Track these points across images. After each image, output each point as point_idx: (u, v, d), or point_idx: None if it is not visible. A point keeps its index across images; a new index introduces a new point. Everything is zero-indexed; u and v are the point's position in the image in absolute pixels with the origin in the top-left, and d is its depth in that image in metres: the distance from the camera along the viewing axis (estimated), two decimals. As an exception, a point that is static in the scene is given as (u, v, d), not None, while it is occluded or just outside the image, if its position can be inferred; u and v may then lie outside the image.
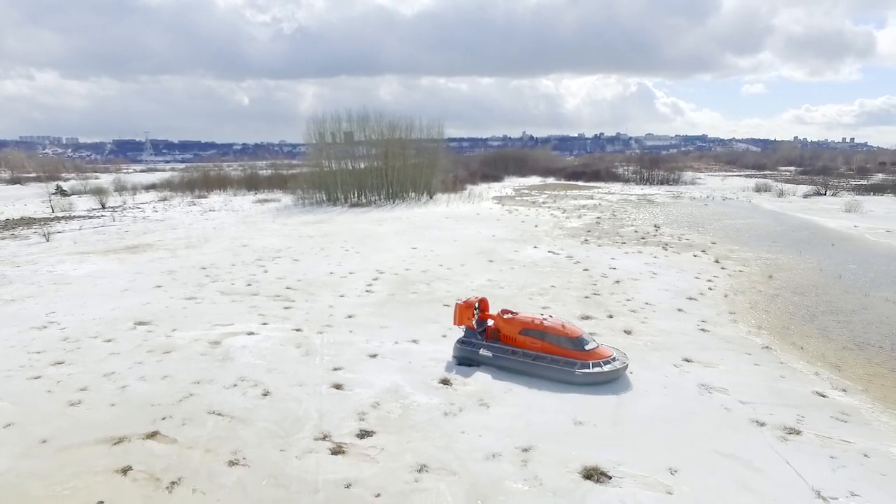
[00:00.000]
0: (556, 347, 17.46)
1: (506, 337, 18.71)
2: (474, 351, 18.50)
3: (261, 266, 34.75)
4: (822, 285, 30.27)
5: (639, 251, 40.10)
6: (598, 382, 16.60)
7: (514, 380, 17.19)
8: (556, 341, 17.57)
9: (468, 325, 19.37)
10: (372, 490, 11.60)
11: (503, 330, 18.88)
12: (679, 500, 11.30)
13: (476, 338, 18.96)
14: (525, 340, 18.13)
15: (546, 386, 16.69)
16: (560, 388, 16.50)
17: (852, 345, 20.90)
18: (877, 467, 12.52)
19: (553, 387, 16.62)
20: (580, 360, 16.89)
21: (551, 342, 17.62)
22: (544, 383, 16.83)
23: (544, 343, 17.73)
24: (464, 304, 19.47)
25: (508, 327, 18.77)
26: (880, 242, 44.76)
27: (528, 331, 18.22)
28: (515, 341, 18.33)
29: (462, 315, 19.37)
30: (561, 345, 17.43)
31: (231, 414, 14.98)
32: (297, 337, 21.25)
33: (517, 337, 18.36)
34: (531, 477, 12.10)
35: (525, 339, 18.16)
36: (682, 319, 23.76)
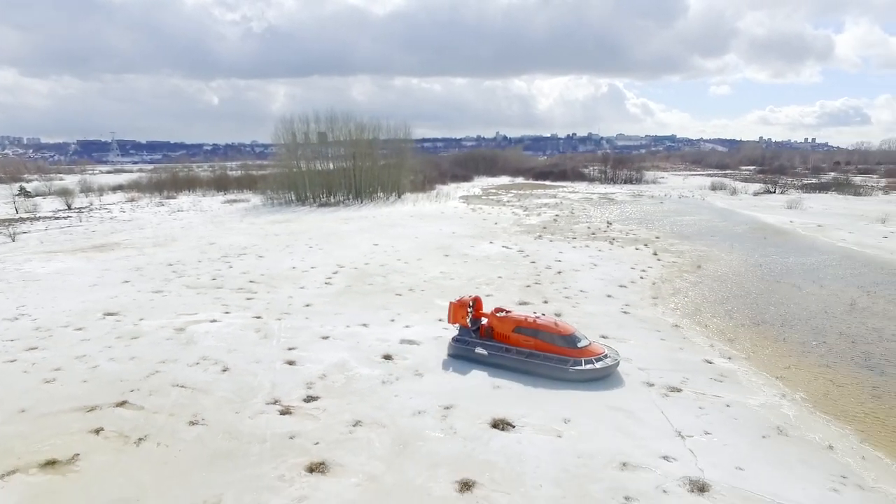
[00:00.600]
0: (548, 345, 17.81)
1: (499, 335, 18.93)
2: (469, 349, 18.86)
3: (226, 262, 36.39)
4: (742, 273, 33.47)
5: (586, 245, 42.96)
6: (590, 379, 16.98)
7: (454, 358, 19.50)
8: (549, 339, 17.94)
9: (462, 323, 19.60)
10: (312, 440, 13.77)
11: (497, 328, 19.10)
12: (565, 440, 13.78)
13: (470, 336, 19.29)
14: (518, 338, 18.41)
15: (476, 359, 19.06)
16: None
17: (749, 322, 23.88)
18: (733, 414, 15.23)
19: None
20: (573, 357, 17.29)
21: (544, 340, 17.97)
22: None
23: (537, 341, 18.03)
24: (458, 303, 19.72)
25: (502, 325, 19.01)
26: (808, 235, 48.61)
27: (522, 329, 18.51)
28: (509, 339, 18.61)
29: (456, 314, 19.61)
30: (554, 342, 17.81)
31: (193, 386, 16.93)
32: (256, 323, 23.21)
33: (511, 335, 18.63)
34: (448, 427, 14.44)
35: (518, 336, 18.43)
36: (609, 304, 26.47)
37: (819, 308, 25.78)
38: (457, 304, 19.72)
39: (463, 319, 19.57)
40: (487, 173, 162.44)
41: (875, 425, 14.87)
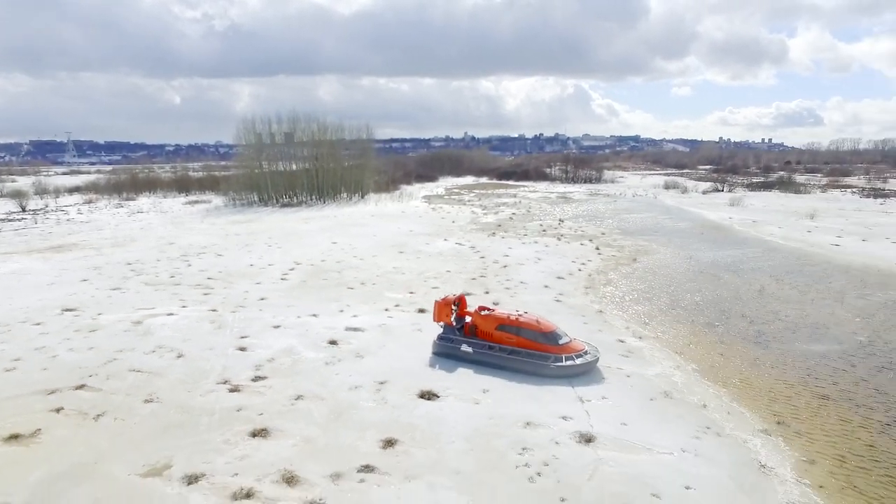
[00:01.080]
0: (531, 342, 18.25)
1: (483, 333, 19.31)
2: (455, 347, 19.24)
3: (185, 261, 37.39)
4: (672, 266, 36.35)
5: (535, 242, 45.40)
6: (571, 375, 17.46)
7: (394, 339, 21.35)
8: (531, 336, 18.37)
9: (447, 321, 19.92)
10: (257, 411, 15.45)
11: (480, 326, 19.48)
12: (481, 407, 15.82)
13: (455, 334, 19.63)
14: (502, 336, 18.82)
15: (417, 341, 20.97)
16: (418, 341, 20.81)
17: (666, 308, 26.48)
18: (630, 382, 17.55)
19: (418, 339, 20.92)
20: (554, 353, 17.76)
21: (526, 337, 18.40)
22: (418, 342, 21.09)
23: (520, 338, 18.46)
24: (442, 302, 20.04)
25: (485, 323, 19.37)
26: (742, 230, 52.24)
27: (504, 326, 18.93)
28: (492, 337, 19.00)
29: (441, 312, 19.94)
30: (536, 339, 18.25)
31: (149, 371, 18.35)
32: (212, 315, 24.60)
33: (494, 332, 19.03)
34: (380, 398, 16.32)
35: (502, 334, 18.85)
36: (545, 294, 28.78)
37: (731, 294, 28.64)
38: (441, 303, 20.01)
39: (447, 318, 19.85)
40: (453, 173, 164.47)
41: (746, 388, 17.40)
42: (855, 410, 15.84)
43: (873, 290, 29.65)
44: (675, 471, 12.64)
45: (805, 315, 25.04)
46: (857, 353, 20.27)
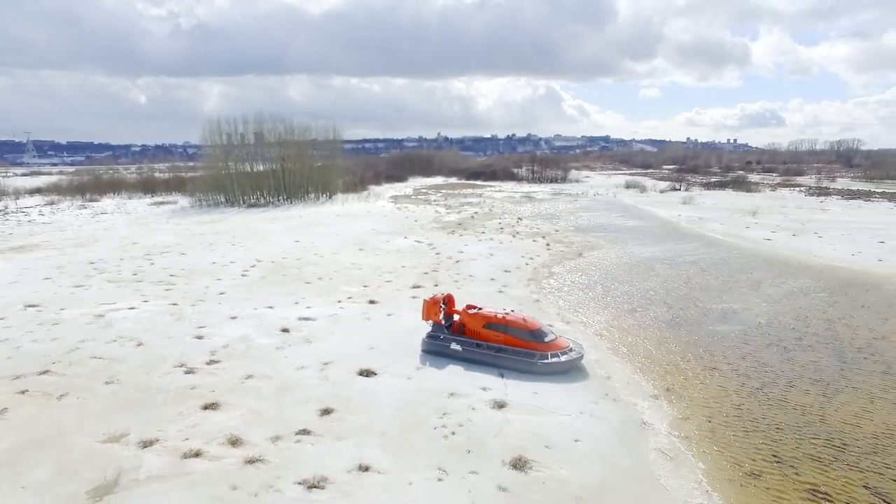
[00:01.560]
0: (517, 340, 18.80)
1: (471, 331, 19.80)
2: (443, 345, 19.67)
3: (148, 259, 38.42)
4: (614, 260, 38.97)
5: (491, 239, 47.65)
6: (557, 372, 18.06)
7: (343, 327, 23.15)
8: (518, 334, 18.92)
9: (435, 320, 20.39)
10: (209, 389, 17.12)
11: (468, 324, 19.97)
12: (413, 382, 17.80)
13: (444, 332, 20.09)
14: (489, 334, 19.33)
15: (364, 328, 22.83)
16: (365, 328, 22.68)
17: (599, 297, 28.92)
18: (549, 358, 19.72)
19: (366, 327, 22.79)
20: (540, 351, 18.31)
21: (513, 335, 18.93)
22: (369, 330, 22.95)
23: (507, 336, 18.98)
24: (430, 301, 20.46)
25: (473, 322, 19.88)
26: (687, 227, 55.46)
27: (492, 325, 19.45)
28: (480, 335, 19.52)
29: (429, 311, 20.38)
30: (522, 337, 18.81)
31: (110, 357, 19.79)
32: (172, 309, 26.01)
33: (481, 331, 19.55)
34: (323, 377, 18.16)
35: (489, 332, 19.36)
36: (490, 286, 30.94)
37: (659, 284, 31.27)
38: (430, 302, 20.42)
39: (436, 316, 20.31)
40: (423, 174, 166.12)
41: (648, 363, 19.78)
42: (735, 379, 18.35)
43: (787, 279, 32.70)
44: (569, 428, 14.85)
45: (720, 301, 27.76)
46: (753, 333, 22.94)
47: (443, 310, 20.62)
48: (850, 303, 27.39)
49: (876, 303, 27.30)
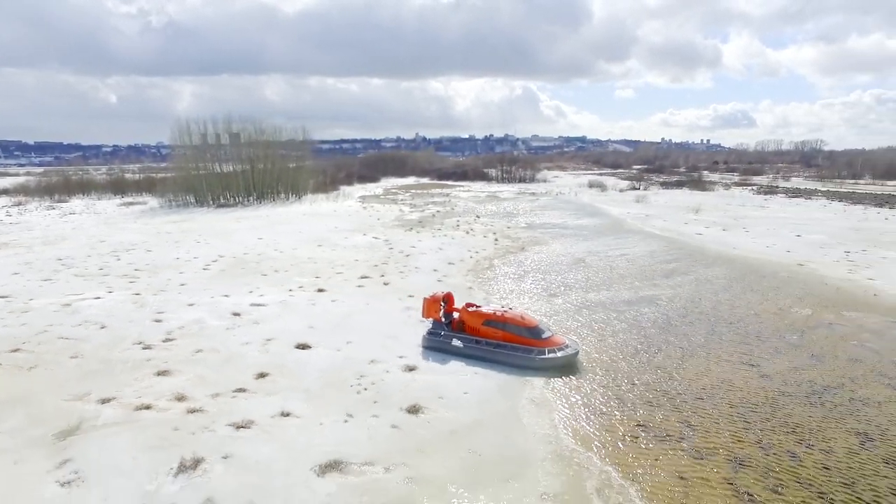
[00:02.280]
0: (516, 336, 19.52)
1: (470, 328, 20.55)
2: (444, 341, 20.45)
3: (115, 256, 40.57)
4: (552, 253, 42.38)
5: (445, 235, 50.75)
6: (554, 366, 18.72)
7: (290, 312, 25.94)
8: (516, 331, 19.63)
9: (435, 317, 21.23)
10: (162, 360, 19.80)
11: (468, 322, 20.70)
12: (342, 353, 20.74)
13: (444, 329, 20.86)
14: (488, 331, 20.07)
15: (309, 312, 25.65)
16: (309, 312, 25.53)
17: (526, 284, 32.22)
18: (464, 333, 22.83)
19: (311, 311, 25.61)
20: (537, 347, 19.07)
21: (511, 332, 19.66)
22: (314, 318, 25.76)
23: (505, 333, 19.69)
24: (431, 299, 21.35)
25: (472, 319, 20.61)
26: (633, 223, 59.27)
27: (491, 322, 20.17)
28: (479, 331, 20.27)
29: (430, 309, 21.28)
30: (520, 334, 19.53)
31: (76, 338, 22.28)
32: (134, 298, 28.47)
33: (481, 327, 20.28)
34: (264, 350, 20.99)
35: (488, 329, 20.10)
36: (432, 276, 34.00)
37: (583, 273, 34.72)
38: (430, 300, 21.36)
39: (436, 314, 21.17)
40: (396, 174, 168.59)
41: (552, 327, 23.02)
42: (617, 347, 21.64)
43: (700, 267, 36.45)
44: (463, 384, 17.98)
45: (632, 287, 31.25)
46: (648, 311, 26.39)
47: (443, 308, 21.47)
48: (744, 287, 31.17)
49: (765, 287, 31.12)
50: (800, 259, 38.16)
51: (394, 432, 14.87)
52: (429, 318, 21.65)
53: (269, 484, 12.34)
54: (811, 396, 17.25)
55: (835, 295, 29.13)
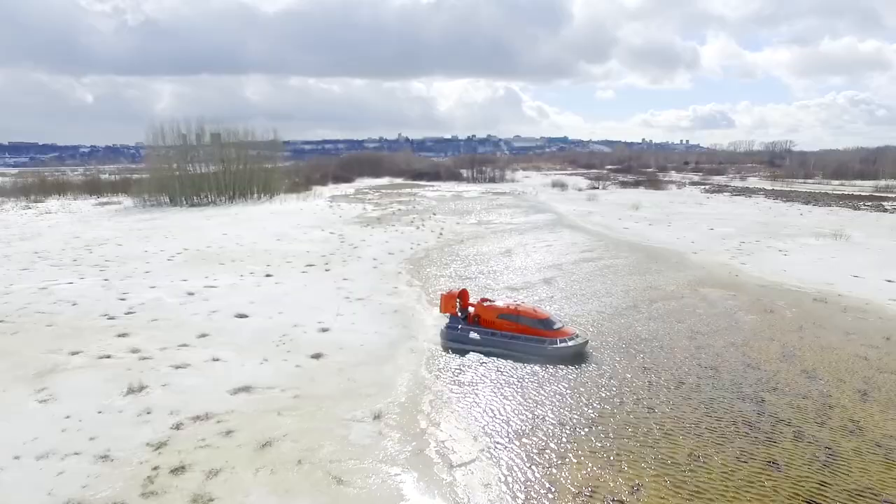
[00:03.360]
0: (529, 328, 20.88)
1: (485, 321, 21.99)
2: (463, 335, 21.85)
3: (88, 250, 44.63)
4: (485, 245, 47.45)
5: (396, 230, 55.55)
6: (565, 356, 20.04)
7: (237, 292, 30.54)
8: (529, 323, 21.03)
9: (452, 312, 22.76)
10: (123, 327, 24.29)
11: (483, 315, 22.20)
12: (273, 320, 25.39)
13: (461, 323, 22.33)
14: (503, 323, 21.49)
15: (254, 292, 30.28)
16: (253, 292, 30.18)
17: (449, 271, 37.17)
18: (378, 308, 27.64)
19: (256, 291, 30.23)
20: (549, 337, 20.42)
21: (525, 324, 21.05)
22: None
23: (519, 325, 21.07)
24: (447, 295, 23.09)
25: (487, 313, 22.15)
26: (573, 219, 64.65)
27: (505, 315, 21.69)
28: (494, 324, 21.67)
29: (447, 304, 22.84)
30: (533, 325, 20.94)
31: (51, 312, 26.61)
32: (104, 283, 32.79)
33: (496, 320, 21.72)
34: (207, 318, 25.54)
35: (503, 322, 21.54)
36: (369, 263, 38.78)
37: (503, 264, 39.77)
38: (446, 296, 23.02)
39: (453, 309, 22.80)
40: (372, 174, 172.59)
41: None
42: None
43: (607, 255, 41.76)
44: (361, 339, 22.83)
45: (538, 273, 36.36)
46: (539, 287, 31.51)
47: (459, 303, 23.17)
48: (634, 270, 36.50)
49: (653, 270, 36.49)
50: (696, 248, 43.72)
51: (296, 369, 19.66)
52: (445, 314, 23.16)
53: (193, 400, 17.04)
54: (629, 344, 22.38)
55: (704, 276, 34.60)
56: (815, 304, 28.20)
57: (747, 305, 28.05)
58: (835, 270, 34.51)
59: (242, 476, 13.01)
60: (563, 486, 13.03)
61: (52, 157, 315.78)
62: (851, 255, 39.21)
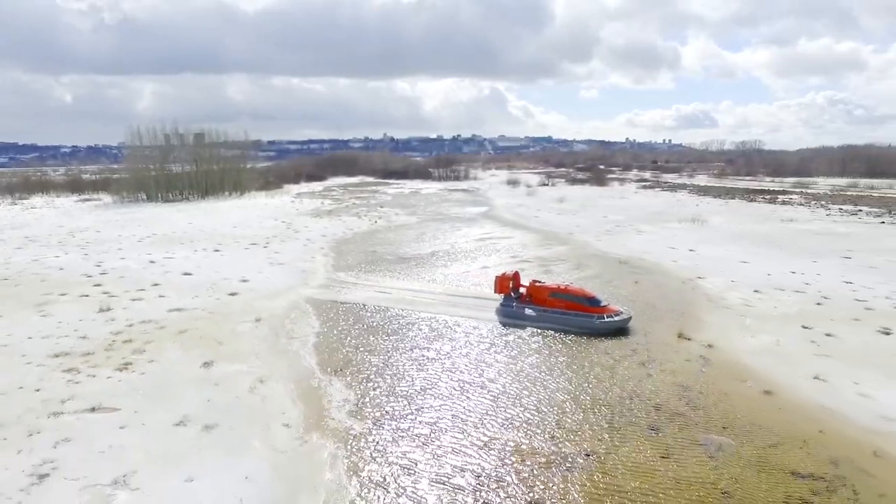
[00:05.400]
0: (577, 305, 23.44)
1: (538, 300, 24.58)
2: (518, 312, 24.67)
3: (71, 235, 53.29)
4: (408, 232, 56.89)
5: (340, 219, 64.77)
6: (611, 329, 22.47)
7: (188, 261, 39.70)
8: (578, 300, 23.54)
9: (506, 292, 25.39)
10: (97, 281, 33.32)
11: (535, 295, 24.79)
12: (209, 277, 34.64)
13: (514, 302, 25.11)
14: (554, 301, 24.04)
15: (200, 260, 39.45)
16: (202, 261, 39.34)
17: (364, 248, 46.57)
18: (290, 269, 37.07)
19: (202, 259, 39.37)
20: (596, 313, 22.89)
21: (574, 301, 23.62)
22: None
23: (568, 302, 23.61)
24: (502, 277, 25.78)
25: (539, 293, 24.78)
26: (498, 211, 74.15)
27: (556, 294, 24.36)
28: (546, 302, 24.28)
29: (501, 285, 25.63)
30: (581, 303, 23.48)
31: (44, 274, 35.47)
32: (84, 256, 41.63)
33: (547, 299, 24.29)
34: (162, 276, 34.65)
35: (554, 300, 24.11)
36: (301, 243, 47.96)
37: (415, 247, 49.23)
38: (501, 278, 25.79)
39: (507, 290, 25.46)
40: (346, 173, 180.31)
41: (345, 267, 37.37)
42: (374, 273, 36.13)
43: (505, 237, 51.35)
44: (269, 286, 32.08)
45: (429, 249, 45.82)
46: (425, 258, 41.00)
47: (511, 284, 25.93)
48: (514, 248, 46.10)
49: (527, 244, 46.14)
50: (576, 231, 53.43)
51: (216, 301, 28.90)
52: (500, 294, 25.97)
53: (142, 314, 26.14)
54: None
55: (563, 249, 44.30)
56: (619, 264, 38.00)
57: (570, 264, 37.78)
58: (659, 245, 44.37)
59: (165, 343, 22.26)
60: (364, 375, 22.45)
61: (32, 158, 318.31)
62: (688, 235, 49.23)
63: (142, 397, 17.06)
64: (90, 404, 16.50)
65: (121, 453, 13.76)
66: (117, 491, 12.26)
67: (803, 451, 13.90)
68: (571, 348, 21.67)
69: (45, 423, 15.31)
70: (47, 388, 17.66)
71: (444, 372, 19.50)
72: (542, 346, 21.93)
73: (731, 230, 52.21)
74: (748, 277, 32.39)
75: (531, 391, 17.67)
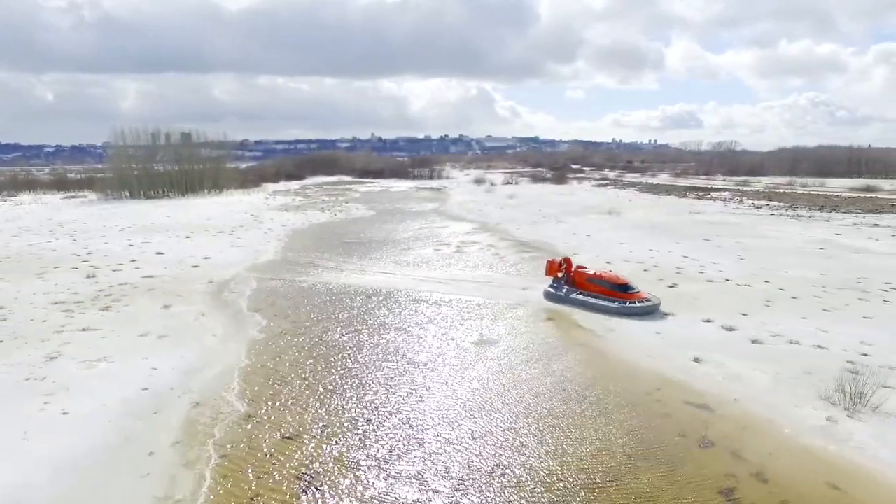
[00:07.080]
0: (610, 291, 25.68)
1: (578, 284, 26.94)
2: (565, 296, 26.84)
3: (60, 226, 60.32)
4: (359, 223, 64.61)
5: (304, 213, 72.25)
6: (641, 313, 24.52)
7: (162, 245, 47.15)
8: (611, 287, 25.73)
9: (555, 276, 27.83)
10: (84, 259, 40.65)
11: (577, 279, 27.24)
12: (179, 256, 42.17)
13: (561, 285, 27.38)
14: (591, 286, 26.35)
15: (175, 245, 46.92)
16: (174, 245, 46.81)
17: (312, 231, 54.26)
18: (245, 250, 44.70)
19: (176, 245, 46.82)
20: (628, 299, 25.10)
21: (606, 287, 25.83)
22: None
23: (602, 288, 25.90)
24: (552, 262, 28.14)
25: (580, 277, 27.05)
26: (450, 207, 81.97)
27: (592, 279, 26.52)
28: (584, 286, 26.52)
29: (551, 269, 28.04)
30: (613, 289, 25.64)
31: (39, 255, 42.69)
32: (73, 241, 48.82)
33: (585, 283, 26.54)
34: (140, 256, 42.09)
35: (590, 285, 26.38)
36: (262, 231, 55.49)
37: (356, 233, 56.93)
38: (551, 263, 28.32)
39: (556, 273, 27.89)
40: (326, 173, 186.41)
41: (292, 247, 45.00)
42: (326, 251, 43.84)
43: (436, 226, 59.20)
44: (226, 261, 39.67)
45: (378, 231, 53.50)
46: (371, 243, 48.76)
47: (563, 268, 28.10)
48: (441, 234, 53.97)
49: (453, 235, 54.05)
50: (505, 222, 61.42)
51: (180, 271, 36.41)
52: (550, 276, 28.29)
53: (120, 279, 33.59)
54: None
55: (487, 235, 52.24)
56: (521, 245, 46.07)
57: (481, 245, 45.79)
58: (565, 232, 52.46)
59: (137, 296, 29.78)
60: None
61: (15, 157, 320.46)
62: (597, 224, 57.44)
63: (118, 324, 24.60)
64: (82, 327, 24.05)
65: (102, 349, 21.32)
66: (100, 363, 19.88)
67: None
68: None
69: (52, 336, 22.80)
70: (51, 319, 25.17)
71: (339, 312, 27.29)
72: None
73: (637, 221, 60.50)
74: (612, 254, 40.44)
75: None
